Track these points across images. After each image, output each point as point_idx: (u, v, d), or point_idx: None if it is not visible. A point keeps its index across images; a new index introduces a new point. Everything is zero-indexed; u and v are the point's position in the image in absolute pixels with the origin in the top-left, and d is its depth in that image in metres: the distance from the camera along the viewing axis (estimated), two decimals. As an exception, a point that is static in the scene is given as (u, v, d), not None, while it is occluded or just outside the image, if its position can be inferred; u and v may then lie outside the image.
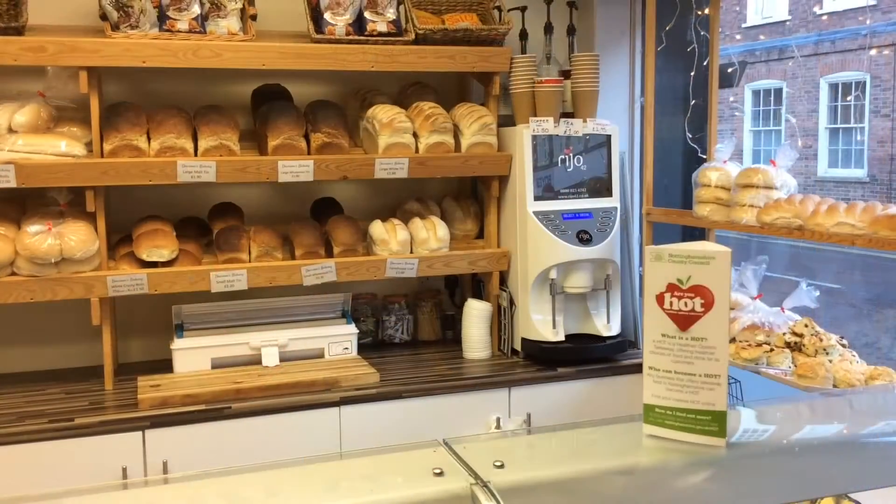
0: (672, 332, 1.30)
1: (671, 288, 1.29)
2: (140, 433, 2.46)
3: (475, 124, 2.96)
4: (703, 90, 3.05)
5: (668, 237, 3.13)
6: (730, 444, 1.35)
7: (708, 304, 1.29)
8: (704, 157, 3.01)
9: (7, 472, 2.34)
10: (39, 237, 2.52)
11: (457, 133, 2.98)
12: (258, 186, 3.12)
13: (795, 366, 2.48)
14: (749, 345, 2.57)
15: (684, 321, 1.29)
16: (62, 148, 2.55)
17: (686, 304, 1.29)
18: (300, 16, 2.86)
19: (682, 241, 3.14)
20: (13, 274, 2.55)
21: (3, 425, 2.39)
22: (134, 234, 2.76)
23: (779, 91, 11.74)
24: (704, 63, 3.00)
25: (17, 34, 2.53)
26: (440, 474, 1.16)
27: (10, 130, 2.56)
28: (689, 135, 3.12)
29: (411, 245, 2.96)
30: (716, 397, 1.30)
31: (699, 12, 3.06)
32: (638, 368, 2.92)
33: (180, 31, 2.65)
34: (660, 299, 1.30)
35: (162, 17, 2.66)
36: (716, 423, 1.31)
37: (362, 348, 3.03)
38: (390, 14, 2.89)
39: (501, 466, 1.18)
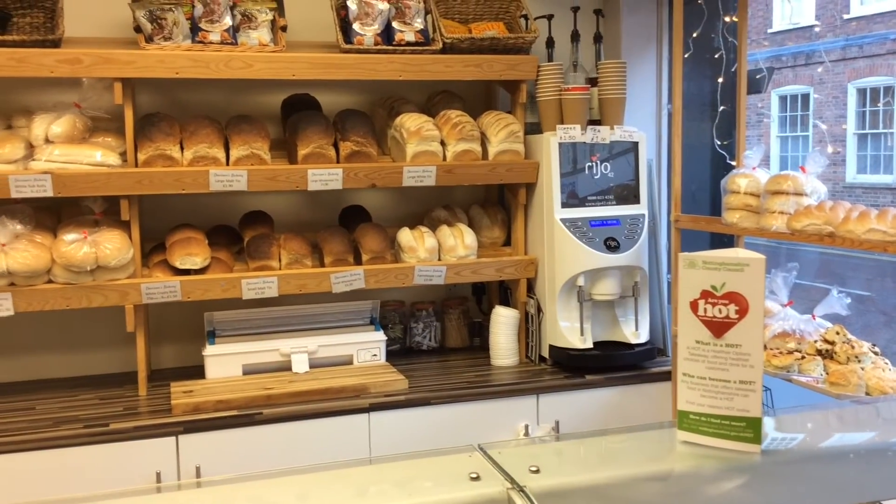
0: (706, 338, 1.31)
1: (705, 295, 1.30)
2: (174, 438, 2.50)
3: (502, 132, 2.97)
4: (730, 96, 3.04)
5: (697, 244, 3.12)
6: (763, 450, 1.35)
7: (742, 311, 1.29)
8: (733, 163, 3.00)
9: (44, 477, 2.39)
10: (75, 245, 2.56)
11: (484, 141, 2.99)
12: (288, 195, 3.15)
13: (827, 373, 2.46)
14: (780, 352, 2.55)
15: (718, 328, 1.30)
16: (97, 158, 2.60)
17: (720, 311, 1.29)
18: (329, 26, 2.90)
19: (711, 248, 3.14)
20: (49, 281, 2.60)
21: (40, 430, 2.44)
22: (167, 242, 2.80)
23: (806, 96, 11.64)
24: (732, 69, 2.99)
25: (54, 46, 2.58)
26: (476, 479, 1.17)
27: (47, 141, 2.61)
28: (717, 141, 3.11)
29: (439, 252, 2.98)
30: (750, 404, 1.30)
31: (727, 19, 3.06)
32: (667, 376, 2.93)
33: (212, 43, 2.69)
34: (694, 306, 1.30)
35: (194, 29, 2.70)
36: (750, 429, 1.31)
37: (390, 355, 3.05)
38: (418, 24, 2.91)
39: (537, 471, 1.20)
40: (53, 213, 2.79)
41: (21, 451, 2.38)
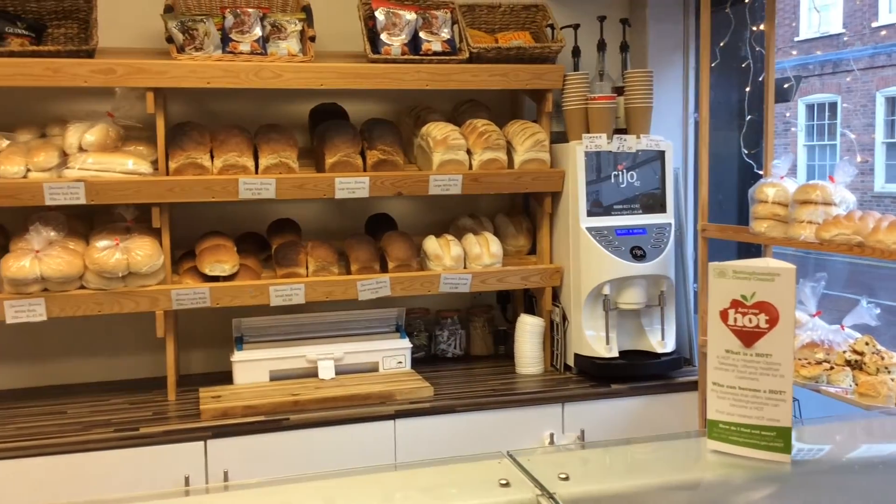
0: (736, 347, 1.31)
1: (735, 304, 1.30)
2: (202, 443, 2.52)
3: (528, 141, 2.98)
4: (758, 105, 3.03)
5: (723, 254, 3.11)
6: (793, 460, 1.34)
7: (773, 321, 1.29)
8: (760, 172, 2.99)
9: (75, 480, 2.42)
10: (107, 252, 2.61)
11: (510, 150, 3.01)
12: (315, 202, 3.18)
13: (856, 384, 2.44)
14: (808, 362, 2.53)
15: (748, 337, 1.30)
16: (129, 166, 2.65)
17: (750, 321, 1.29)
18: (357, 36, 2.93)
19: (738, 257, 3.12)
20: (82, 287, 2.64)
21: (72, 434, 2.47)
22: (197, 249, 2.84)
23: (833, 105, 11.53)
24: (760, 78, 2.98)
25: (88, 57, 2.63)
26: (506, 485, 1.18)
27: (81, 149, 2.66)
28: (744, 150, 3.10)
29: (465, 261, 2.99)
30: (780, 413, 1.30)
31: (754, 28, 3.05)
32: (693, 386, 2.91)
33: (242, 53, 2.73)
34: (724, 315, 1.31)
35: (225, 40, 2.74)
36: (780, 438, 1.31)
37: (415, 362, 3.06)
38: (445, 34, 2.94)
39: (566, 479, 1.20)
40: (86, 220, 2.84)
41: (52, 455, 2.42)
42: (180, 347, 2.99)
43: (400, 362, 3.00)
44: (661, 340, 2.97)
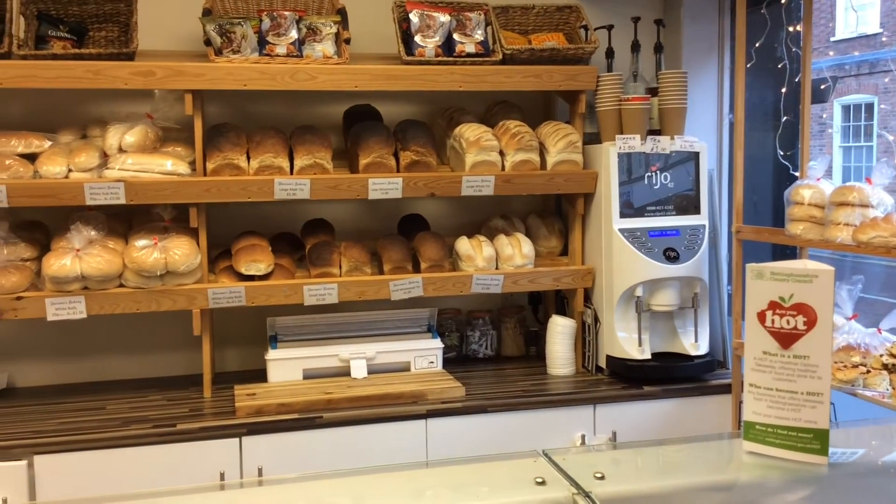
0: (773, 349, 1.31)
1: (773, 306, 1.30)
2: (237, 440, 2.56)
3: (561, 142, 2.98)
4: (794, 106, 3.01)
5: (757, 256, 3.09)
6: (829, 463, 1.33)
7: (811, 322, 1.28)
8: (796, 174, 2.96)
9: (113, 474, 2.47)
10: (146, 251, 2.65)
11: (542, 151, 3.01)
12: (348, 203, 3.21)
13: (893, 388, 2.41)
14: (844, 366, 2.51)
15: (786, 339, 1.30)
16: (168, 167, 2.69)
17: (788, 322, 1.29)
18: (391, 38, 2.95)
19: (772, 260, 3.09)
20: (121, 286, 2.69)
21: (111, 429, 2.52)
22: (233, 248, 2.88)
23: (870, 106, 11.34)
24: (796, 79, 2.96)
25: (128, 59, 2.68)
26: (542, 483, 1.19)
27: (121, 150, 2.71)
28: (779, 152, 3.08)
29: (496, 261, 3.00)
30: (818, 415, 1.30)
31: (790, 28, 3.03)
32: (727, 389, 2.89)
33: (279, 56, 2.77)
34: (761, 317, 1.30)
35: (262, 42, 2.78)
36: (818, 441, 1.31)
37: (446, 363, 3.07)
38: (478, 35, 2.95)
39: (602, 478, 1.21)
40: (125, 219, 2.89)
41: (92, 450, 2.47)
42: (215, 345, 3.04)
43: (431, 362, 3.01)
44: (695, 342, 2.95)
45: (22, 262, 2.68)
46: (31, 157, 2.66)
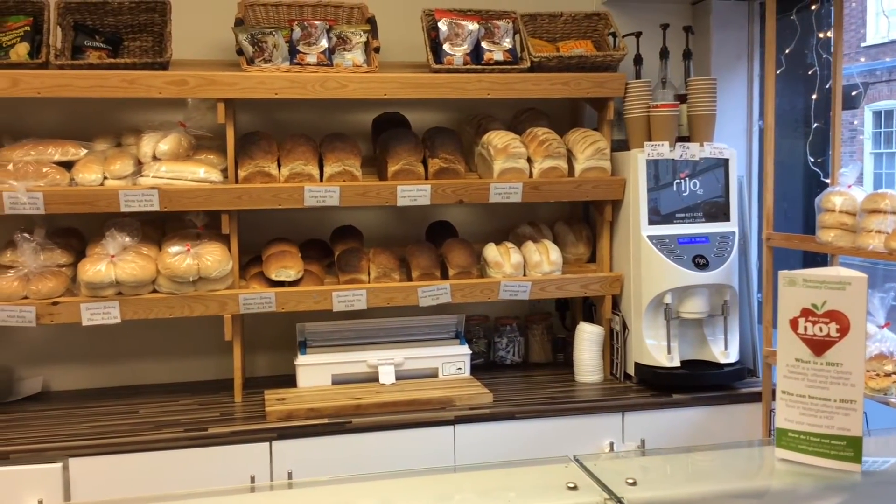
0: (806, 356, 1.30)
1: (805, 313, 1.29)
2: (267, 444, 2.59)
3: (589, 149, 2.99)
4: (824, 113, 2.99)
5: (787, 263, 3.06)
6: (863, 470, 1.33)
7: (844, 330, 1.28)
8: (827, 181, 2.94)
9: (146, 477, 2.50)
10: (179, 257, 2.69)
11: (570, 158, 3.01)
12: (376, 210, 3.24)
13: (928, 398, 2.37)
14: (876, 374, 2.48)
15: (819, 346, 1.29)
16: (201, 174, 2.73)
17: (821, 329, 1.29)
18: (420, 46, 2.97)
19: (803, 267, 3.06)
20: (154, 291, 2.73)
21: (144, 433, 2.56)
22: (263, 254, 2.91)
23: (902, 112, 11.18)
24: (826, 86, 2.94)
25: (162, 69, 2.73)
26: (574, 488, 1.19)
27: (155, 158, 2.76)
28: (810, 158, 3.06)
29: (524, 268, 3.01)
30: (851, 423, 1.29)
31: (820, 34, 3.01)
32: (757, 397, 2.87)
33: (309, 65, 2.80)
34: (794, 324, 1.30)
35: (293, 52, 2.82)
36: (851, 448, 1.30)
37: (474, 369, 3.08)
38: (506, 43, 2.96)
39: (634, 484, 1.21)
40: (158, 226, 2.94)
41: (125, 453, 2.51)
42: (246, 350, 3.07)
43: (459, 368, 3.02)
44: (725, 350, 2.93)
45: (58, 267, 2.73)
46: (68, 165, 2.72)
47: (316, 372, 2.91)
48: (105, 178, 2.70)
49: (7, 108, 2.93)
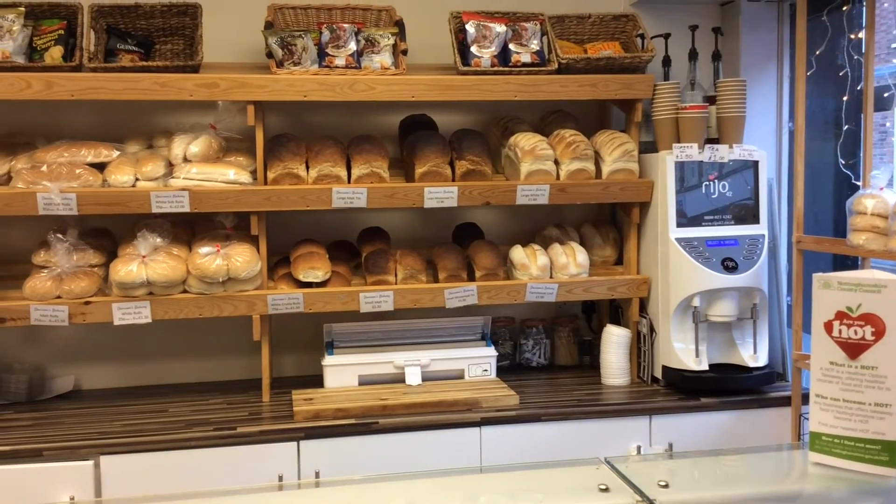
0: (840, 360, 1.29)
1: (840, 316, 1.28)
2: (295, 443, 2.60)
3: (616, 151, 2.98)
4: (855, 115, 2.95)
5: (817, 266, 3.03)
6: (899, 476, 1.31)
7: (879, 333, 1.27)
8: (858, 183, 2.91)
9: (175, 474, 2.53)
10: (209, 258, 2.72)
11: (598, 160, 3.01)
12: (403, 211, 3.25)
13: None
14: (910, 379, 2.45)
15: (854, 349, 1.28)
16: (231, 176, 2.76)
17: (856, 333, 1.27)
18: (447, 48, 2.98)
19: (833, 270, 3.03)
20: (184, 291, 2.76)
21: (173, 431, 2.59)
22: (291, 255, 2.93)
23: (932, 114, 11.05)
24: (858, 87, 2.91)
25: (193, 72, 2.76)
26: (606, 490, 1.19)
27: (185, 160, 2.79)
28: (841, 161, 3.02)
29: (551, 270, 3.00)
30: (886, 427, 1.28)
31: (851, 35, 2.98)
32: (786, 401, 2.85)
33: (338, 67, 2.82)
34: (828, 327, 1.29)
35: (321, 54, 2.84)
36: (886, 452, 1.29)
37: (500, 371, 3.08)
38: (534, 45, 2.96)
39: (666, 486, 1.20)
40: (188, 227, 2.97)
41: (155, 451, 2.53)
42: (273, 351, 3.09)
43: (485, 370, 3.03)
44: (754, 354, 2.91)
45: (90, 268, 2.77)
46: (100, 167, 2.76)
47: (343, 372, 2.92)
48: (137, 179, 2.74)
49: (41, 111, 2.98)
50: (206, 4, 2.89)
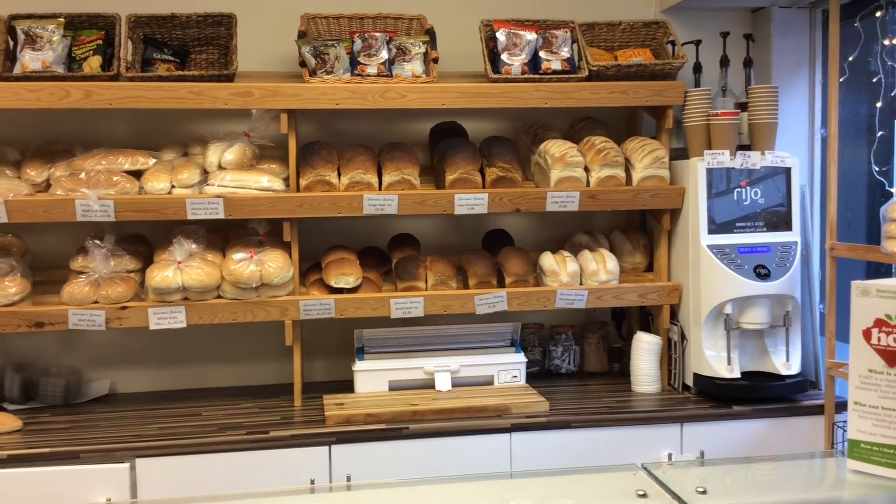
0: (879, 367, 1.29)
1: (879, 323, 1.28)
2: (327, 448, 2.62)
3: (647, 157, 2.98)
4: (889, 121, 2.93)
5: (850, 274, 3.00)
6: (939, 485, 1.30)
7: (919, 340, 1.26)
8: (892, 190, 2.88)
9: (209, 477, 2.56)
10: (243, 264, 2.76)
11: (628, 166, 3.00)
12: (433, 218, 3.27)
13: None
14: (947, 388, 2.42)
15: (893, 357, 1.27)
16: (264, 183, 2.80)
17: (895, 340, 1.27)
18: (477, 56, 3.00)
19: (866, 278, 3.00)
20: (218, 297, 2.80)
21: (207, 435, 2.62)
22: (322, 261, 2.96)
23: (966, 119, 10.87)
24: (892, 93, 2.88)
25: (228, 81, 2.80)
26: (644, 496, 1.20)
27: (220, 167, 2.83)
28: (874, 167, 3.00)
29: (581, 277, 3.01)
30: (927, 436, 1.27)
31: (885, 42, 2.95)
32: (819, 410, 2.82)
33: (370, 76, 2.85)
34: (867, 334, 1.28)
35: (353, 63, 2.87)
36: (926, 462, 1.28)
37: (529, 377, 3.08)
38: (564, 52, 2.97)
39: (704, 492, 1.21)
40: (222, 233, 3.01)
41: (190, 454, 2.57)
42: (304, 356, 3.12)
43: (515, 376, 3.03)
44: (786, 362, 2.89)
45: (127, 273, 2.81)
46: (137, 174, 2.81)
47: (373, 378, 2.94)
48: (172, 186, 2.78)
49: (80, 119, 3.04)
50: (240, 14, 2.93)
